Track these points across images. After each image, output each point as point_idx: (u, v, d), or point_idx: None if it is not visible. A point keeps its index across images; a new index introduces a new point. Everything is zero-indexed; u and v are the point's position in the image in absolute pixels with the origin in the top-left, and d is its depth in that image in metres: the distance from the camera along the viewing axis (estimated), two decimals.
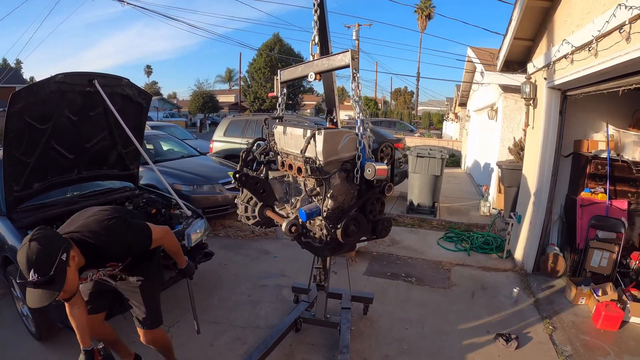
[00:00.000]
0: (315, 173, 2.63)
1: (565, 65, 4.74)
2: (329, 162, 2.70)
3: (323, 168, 2.67)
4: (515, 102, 8.90)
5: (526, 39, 6.10)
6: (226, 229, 7.44)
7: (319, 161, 2.69)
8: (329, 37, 3.25)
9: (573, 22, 4.57)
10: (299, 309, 4.15)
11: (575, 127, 5.95)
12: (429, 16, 49.84)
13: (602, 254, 5.20)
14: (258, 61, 43.74)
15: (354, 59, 2.64)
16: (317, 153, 2.71)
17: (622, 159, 5.45)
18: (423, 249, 6.84)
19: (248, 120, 11.62)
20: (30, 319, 3.81)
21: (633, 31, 3.29)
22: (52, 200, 4.58)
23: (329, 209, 2.66)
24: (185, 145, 9.67)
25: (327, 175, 2.67)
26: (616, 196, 5.49)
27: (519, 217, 6.40)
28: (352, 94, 2.80)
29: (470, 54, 12.83)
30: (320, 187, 2.69)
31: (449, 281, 5.58)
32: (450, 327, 4.42)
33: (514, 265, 6.14)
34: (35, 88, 3.85)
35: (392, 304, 4.86)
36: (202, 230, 4.73)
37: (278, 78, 3.45)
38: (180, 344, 3.91)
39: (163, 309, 3.24)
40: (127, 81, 4.76)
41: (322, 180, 2.65)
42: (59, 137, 4.27)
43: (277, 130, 3.25)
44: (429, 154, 8.50)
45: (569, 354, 3.93)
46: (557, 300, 4.99)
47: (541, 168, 5.69)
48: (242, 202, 3.35)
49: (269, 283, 5.32)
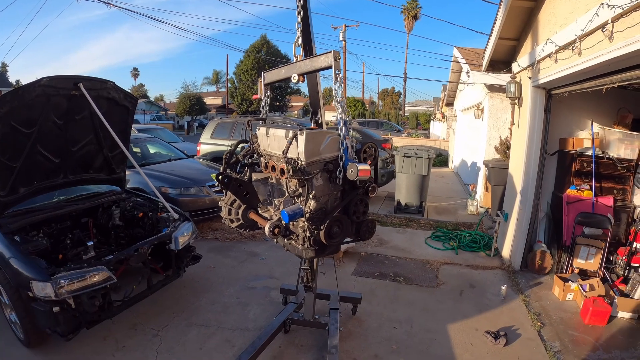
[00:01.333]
0: (298, 173, 2.63)
1: (550, 64, 4.78)
2: (311, 163, 2.70)
3: (305, 168, 2.67)
4: (501, 101, 8.97)
5: (511, 38, 6.14)
6: (214, 231, 7.41)
7: (301, 161, 2.69)
8: (313, 39, 3.25)
9: (557, 21, 4.61)
10: (288, 310, 4.15)
11: (560, 125, 6.01)
12: (415, 17, 50.02)
13: (588, 250, 5.26)
14: (245, 63, 43.58)
15: (336, 59, 2.65)
16: (299, 153, 2.71)
17: (607, 156, 5.51)
18: (411, 248, 6.86)
19: (235, 122, 11.62)
20: (18, 325, 3.77)
21: (615, 30, 3.33)
22: (38, 205, 4.56)
23: (312, 210, 2.66)
24: (172, 148, 9.62)
25: (309, 175, 2.67)
26: (602, 193, 5.55)
27: (505, 215, 6.44)
28: (335, 95, 2.80)
29: (457, 54, 12.92)
30: (303, 187, 2.69)
31: (437, 280, 5.61)
32: (439, 326, 4.44)
33: (502, 263, 6.18)
34: (20, 92, 3.82)
35: (380, 303, 4.87)
36: (189, 233, 4.72)
37: (262, 80, 3.44)
38: (169, 348, 3.91)
39: (151, 312, 3.24)
40: (113, 84, 4.73)
41: (304, 180, 2.65)
42: (45, 141, 4.24)
43: (260, 132, 3.25)
44: (415, 153, 8.53)
45: (558, 349, 3.97)
46: (545, 297, 5.03)
47: (527, 166, 5.74)
48: (225, 204, 3.34)
49: (257, 285, 5.31)
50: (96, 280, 3.59)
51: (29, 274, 3.42)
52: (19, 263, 3.50)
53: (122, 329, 4.18)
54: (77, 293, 3.47)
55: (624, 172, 5.45)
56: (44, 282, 3.35)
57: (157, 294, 4.52)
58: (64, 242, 4.53)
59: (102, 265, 3.70)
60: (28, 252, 3.71)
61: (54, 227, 4.58)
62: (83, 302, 3.54)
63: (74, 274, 3.48)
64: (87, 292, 3.54)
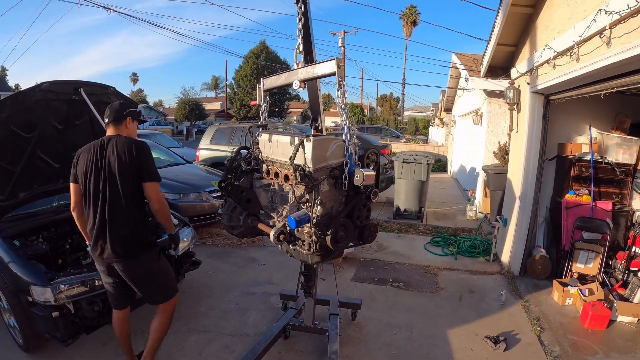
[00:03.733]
0: (305, 180, 2.63)
1: (548, 70, 4.81)
2: (318, 169, 2.71)
3: (312, 175, 2.67)
4: (499, 107, 9.01)
5: (509, 44, 6.18)
6: (213, 237, 7.40)
7: (309, 168, 2.70)
8: (314, 45, 3.27)
9: (555, 27, 4.64)
10: (287, 316, 4.13)
11: (558, 130, 6.03)
12: (414, 23, 50.08)
13: (587, 254, 5.27)
14: (244, 68, 43.64)
15: (340, 67, 2.65)
16: (306, 160, 2.72)
17: (606, 161, 5.54)
18: (410, 254, 6.86)
19: (234, 128, 11.59)
20: (17, 330, 3.74)
21: (613, 36, 3.35)
22: (38, 210, 4.55)
23: (318, 215, 2.67)
24: (171, 153, 9.61)
25: (317, 182, 2.68)
26: (600, 198, 5.57)
27: (505, 220, 6.45)
28: (339, 102, 2.82)
29: (455, 60, 12.98)
30: (310, 194, 2.70)
31: (437, 285, 5.61)
32: (439, 331, 4.43)
33: (501, 268, 6.18)
34: (21, 96, 3.83)
35: (380, 309, 4.86)
36: (189, 239, 4.71)
37: (261, 86, 3.45)
38: (168, 354, 3.89)
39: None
40: (113, 89, 4.74)
41: (311, 187, 2.66)
42: (45, 145, 4.25)
43: (261, 139, 3.25)
44: (414, 159, 8.55)
45: (558, 354, 3.97)
46: (545, 302, 5.04)
47: (526, 171, 5.75)
48: (226, 211, 3.34)
49: (256, 291, 5.30)
50: (96, 286, 3.58)
51: (28, 278, 3.40)
52: (18, 268, 3.49)
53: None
54: (77, 298, 3.46)
55: (623, 176, 5.47)
56: (44, 287, 3.34)
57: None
58: (64, 246, 4.52)
59: None
60: (27, 256, 3.69)
61: (54, 231, 4.56)
62: (82, 307, 3.53)
63: (73, 279, 3.47)
64: (87, 297, 3.53)
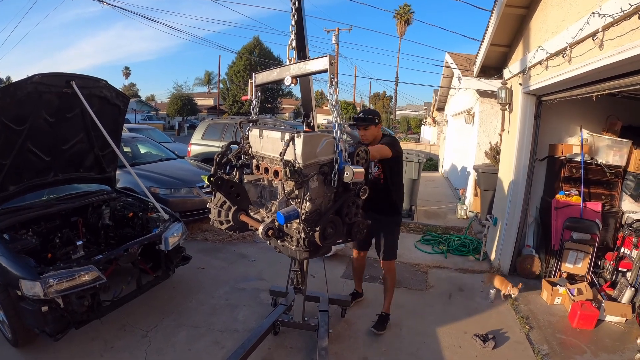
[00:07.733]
0: (295, 176, 2.62)
1: (540, 71, 4.83)
2: (308, 165, 2.71)
3: (302, 171, 2.67)
4: (491, 106, 9.03)
5: (502, 45, 6.20)
6: (204, 232, 7.39)
7: (298, 164, 2.69)
8: (307, 42, 3.27)
9: (548, 29, 4.66)
10: (277, 312, 4.13)
11: (550, 131, 6.07)
12: (407, 21, 50.04)
13: (577, 254, 5.32)
14: (238, 64, 43.55)
15: (332, 63, 2.65)
16: (296, 156, 2.71)
17: (596, 162, 5.58)
18: (400, 251, 6.78)
19: (226, 123, 11.59)
20: (6, 324, 3.72)
21: (606, 38, 3.38)
22: (28, 203, 4.51)
23: (307, 211, 2.66)
24: (163, 148, 9.56)
25: (306, 178, 2.67)
26: (590, 198, 5.61)
27: (495, 219, 6.48)
28: (330, 99, 2.82)
29: (448, 60, 12.99)
30: (299, 190, 2.69)
31: (427, 283, 5.63)
32: (428, 329, 4.46)
33: (491, 267, 6.21)
34: (12, 88, 3.79)
35: (370, 306, 4.87)
36: (179, 234, 4.70)
37: (252, 81, 3.43)
38: (157, 349, 3.89)
39: (140, 313, 3.22)
40: (105, 83, 4.71)
41: (301, 183, 2.65)
42: (36, 138, 4.21)
43: (252, 134, 3.24)
44: (406, 157, 8.53)
45: (546, 352, 4.01)
46: (534, 301, 5.08)
47: (517, 171, 5.79)
48: (215, 206, 3.32)
49: (247, 287, 5.30)
50: (85, 280, 3.56)
51: (17, 272, 3.38)
52: (7, 262, 3.46)
53: (111, 329, 4.15)
54: (66, 293, 3.44)
55: (613, 178, 5.52)
56: (33, 281, 3.32)
57: (146, 295, 4.49)
58: (53, 241, 4.50)
59: (92, 265, 3.67)
60: (17, 250, 3.68)
61: (44, 225, 4.54)
62: (72, 301, 3.51)
63: (63, 273, 3.45)
64: (76, 291, 3.51)
